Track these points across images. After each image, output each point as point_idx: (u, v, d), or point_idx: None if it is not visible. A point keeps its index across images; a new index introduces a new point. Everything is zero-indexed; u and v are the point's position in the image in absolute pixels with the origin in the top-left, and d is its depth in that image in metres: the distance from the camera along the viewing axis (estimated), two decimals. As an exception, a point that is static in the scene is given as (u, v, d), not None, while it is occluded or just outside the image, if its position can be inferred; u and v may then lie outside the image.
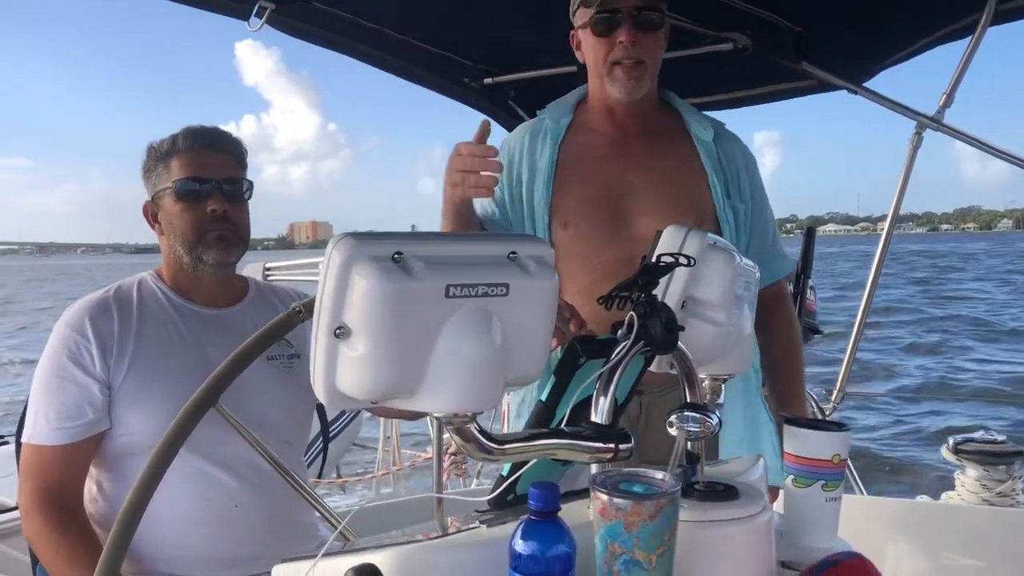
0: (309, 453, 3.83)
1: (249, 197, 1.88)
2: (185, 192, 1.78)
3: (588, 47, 1.92)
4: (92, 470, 1.78)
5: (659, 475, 0.88)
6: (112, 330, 1.74)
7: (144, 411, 1.71)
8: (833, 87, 2.83)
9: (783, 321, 2.09)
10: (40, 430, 1.70)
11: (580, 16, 1.93)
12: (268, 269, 4.94)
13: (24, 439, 1.74)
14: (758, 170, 2.07)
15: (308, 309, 0.99)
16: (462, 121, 2.78)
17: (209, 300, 1.87)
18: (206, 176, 1.80)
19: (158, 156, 1.83)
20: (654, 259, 1.01)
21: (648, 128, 2.00)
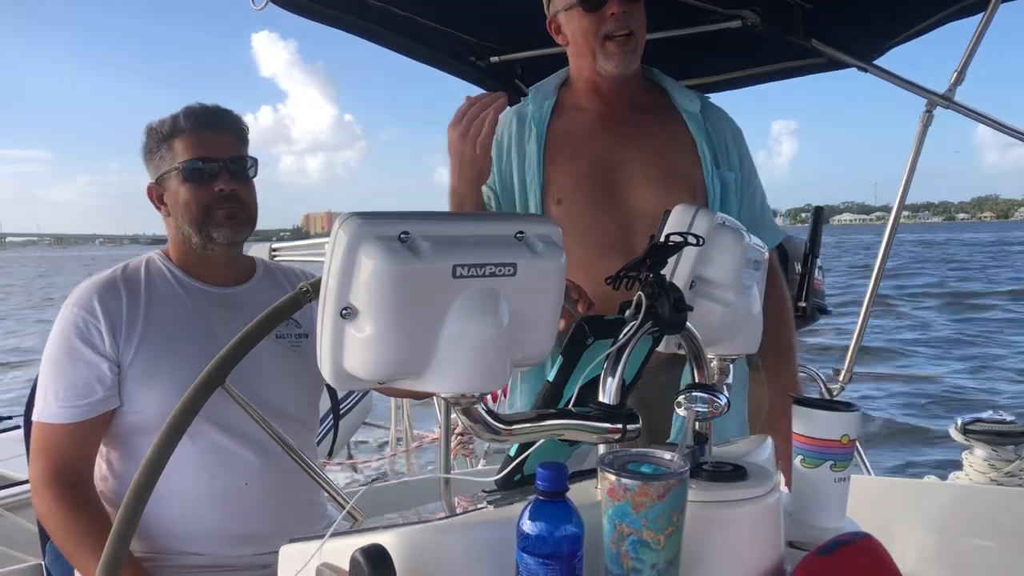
0: (319, 432, 3.86)
1: (255, 175, 1.87)
2: (192, 173, 1.78)
3: (576, 24, 1.91)
4: (102, 448, 1.79)
5: (667, 455, 0.87)
6: (120, 309, 1.74)
7: (153, 389, 1.72)
8: (843, 65, 2.80)
9: (773, 293, 2.08)
10: (49, 408, 1.71)
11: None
12: (275, 250, 4.95)
13: (34, 418, 1.75)
14: (745, 141, 2.07)
15: (315, 289, 0.98)
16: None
17: (217, 279, 1.87)
18: (212, 155, 1.79)
19: (160, 137, 1.82)
20: (662, 238, 1.01)
21: (635, 103, 2.00)
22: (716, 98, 2.18)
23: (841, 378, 3.29)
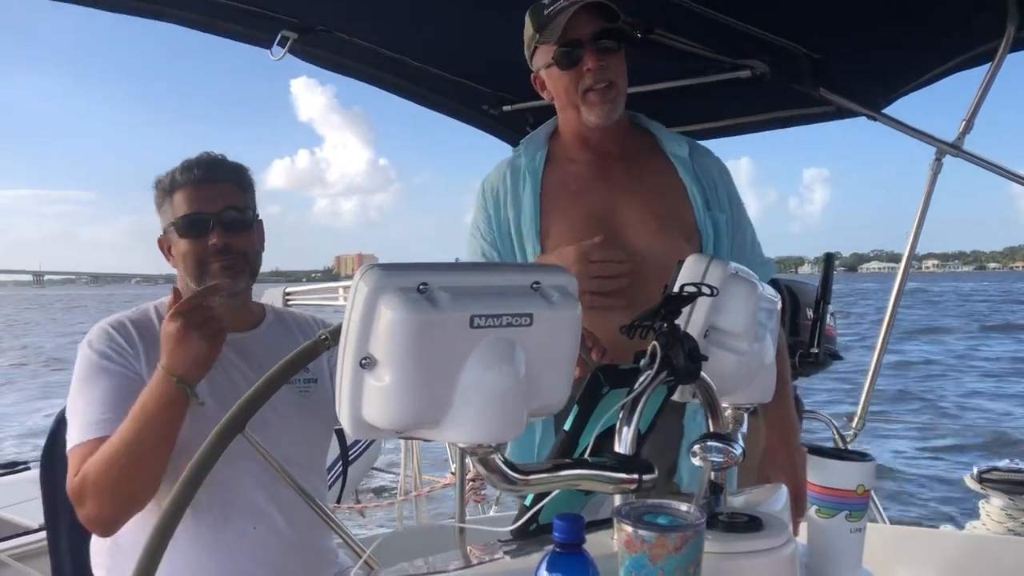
0: (328, 477, 3.84)
1: (251, 223, 1.88)
2: (186, 228, 1.81)
3: (556, 82, 1.94)
4: None
5: (684, 506, 0.87)
6: (135, 342, 1.77)
7: None
8: (852, 113, 2.84)
9: None
10: (82, 428, 1.68)
11: (540, 56, 1.96)
12: (288, 294, 4.98)
13: (75, 441, 1.69)
14: (732, 180, 2.09)
15: (334, 336, 0.99)
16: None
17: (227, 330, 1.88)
18: (205, 210, 1.80)
19: (163, 191, 1.85)
20: (676, 289, 1.02)
21: (624, 150, 2.02)
22: (732, 143, 2.21)
23: (854, 424, 3.27)
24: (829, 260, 3.45)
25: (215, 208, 1.81)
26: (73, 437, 1.70)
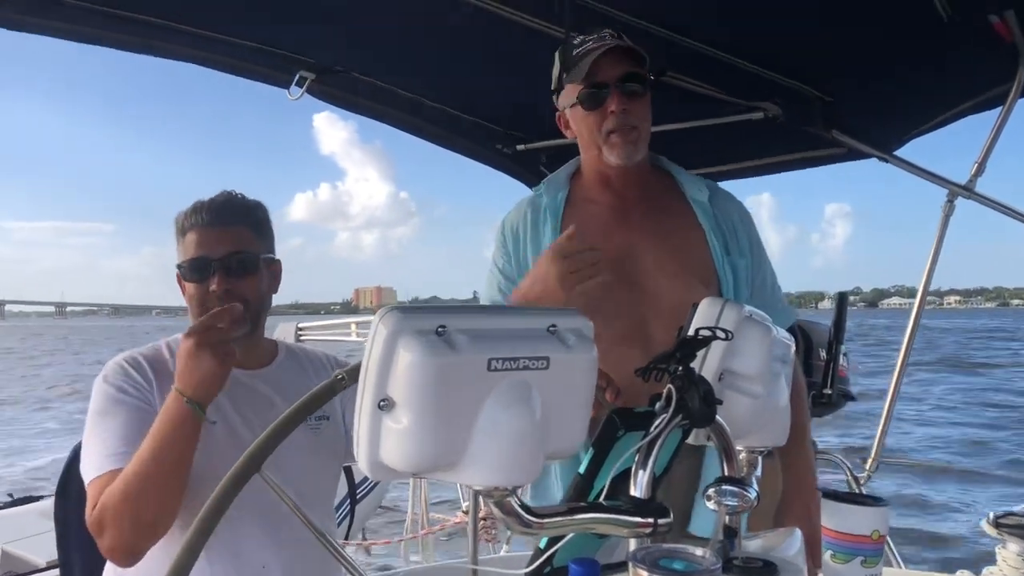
0: (336, 515, 3.82)
1: (256, 267, 1.86)
2: (190, 272, 1.82)
3: (580, 122, 1.96)
4: None
5: (699, 551, 0.87)
6: (149, 378, 1.78)
7: None
8: (864, 155, 2.86)
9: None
10: (99, 461, 1.69)
11: (566, 95, 1.97)
12: (301, 329, 5.00)
13: (91, 475, 1.70)
14: (754, 224, 2.09)
15: (351, 376, 1.00)
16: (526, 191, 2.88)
17: (236, 363, 1.88)
18: (208, 255, 1.80)
19: (178, 231, 1.86)
20: (691, 332, 1.02)
21: (645, 193, 2.02)
22: (751, 180, 2.22)
23: (868, 466, 3.24)
24: (842, 301, 3.45)
25: (218, 253, 1.81)
26: (90, 470, 1.70)
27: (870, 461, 3.22)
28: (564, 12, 2.20)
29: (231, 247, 1.83)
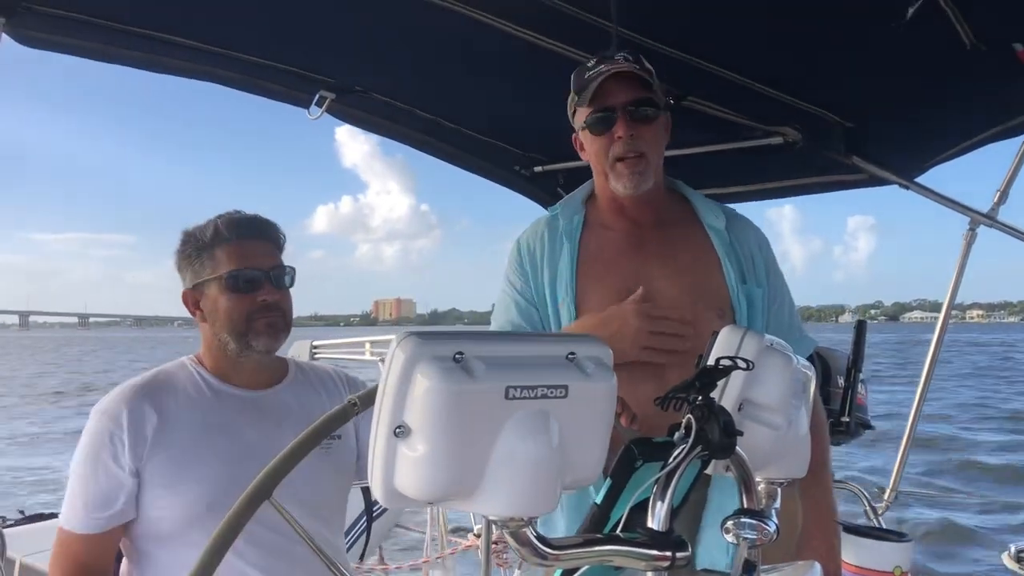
0: (352, 534, 3.80)
1: (291, 284, 1.89)
2: (235, 283, 1.80)
3: (589, 145, 1.94)
4: (129, 553, 1.79)
5: (718, 587, 0.85)
6: (148, 420, 1.75)
7: (178, 495, 1.73)
8: (884, 182, 2.84)
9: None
10: (73, 518, 1.75)
11: (578, 118, 1.96)
12: (315, 347, 5.00)
13: (59, 523, 1.78)
14: (772, 252, 2.06)
15: (364, 401, 0.99)
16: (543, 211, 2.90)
17: (248, 383, 1.88)
18: (255, 265, 1.82)
19: (201, 245, 1.83)
20: (711, 361, 1.00)
21: (660, 219, 2.00)
22: (764, 205, 2.20)
23: (886, 497, 3.19)
24: (860, 328, 3.41)
25: (267, 265, 1.83)
26: (64, 515, 1.77)
27: (888, 491, 3.17)
28: (582, 34, 2.21)
29: (276, 260, 1.87)
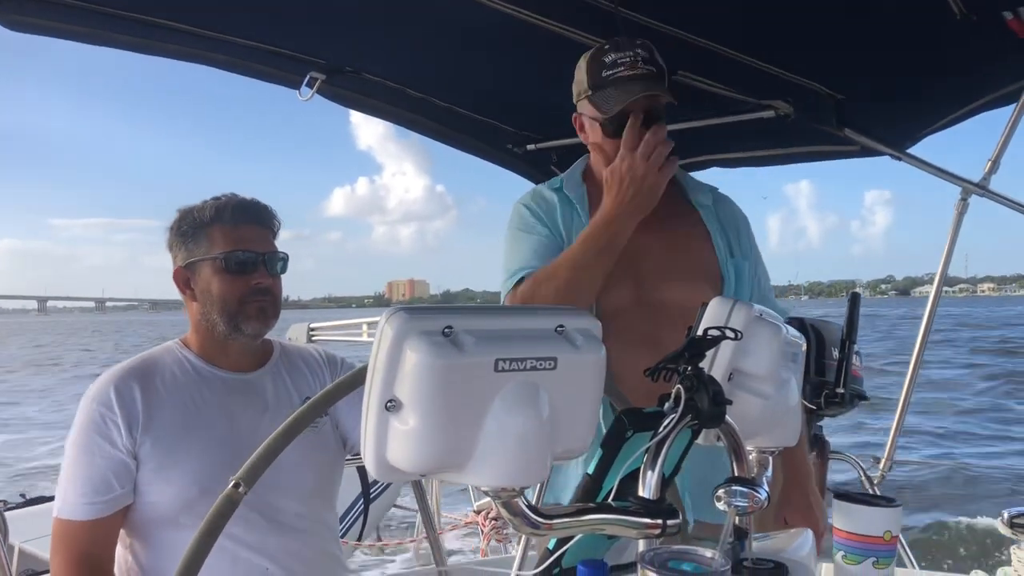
0: (350, 515, 3.83)
1: (283, 271, 1.90)
2: (232, 264, 1.80)
3: (600, 141, 1.96)
4: (124, 537, 1.80)
5: (708, 553, 0.87)
6: (136, 401, 1.75)
7: (168, 480, 1.73)
8: (876, 153, 2.84)
9: None
10: (69, 504, 1.73)
11: (587, 108, 1.97)
12: (312, 329, 5.01)
13: (54, 513, 1.75)
14: (751, 229, 2.12)
15: (350, 384, 0.98)
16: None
17: (235, 365, 1.89)
18: (253, 249, 1.83)
19: (197, 224, 1.84)
20: (700, 332, 1.01)
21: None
22: (786, 172, 2.22)
23: (881, 466, 3.22)
24: (854, 300, 3.41)
25: (263, 248, 1.85)
26: (58, 504, 1.75)
27: (883, 461, 3.20)
28: (571, 10, 2.20)
29: (271, 246, 1.88)
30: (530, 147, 3.20)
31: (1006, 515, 3.38)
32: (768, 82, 2.55)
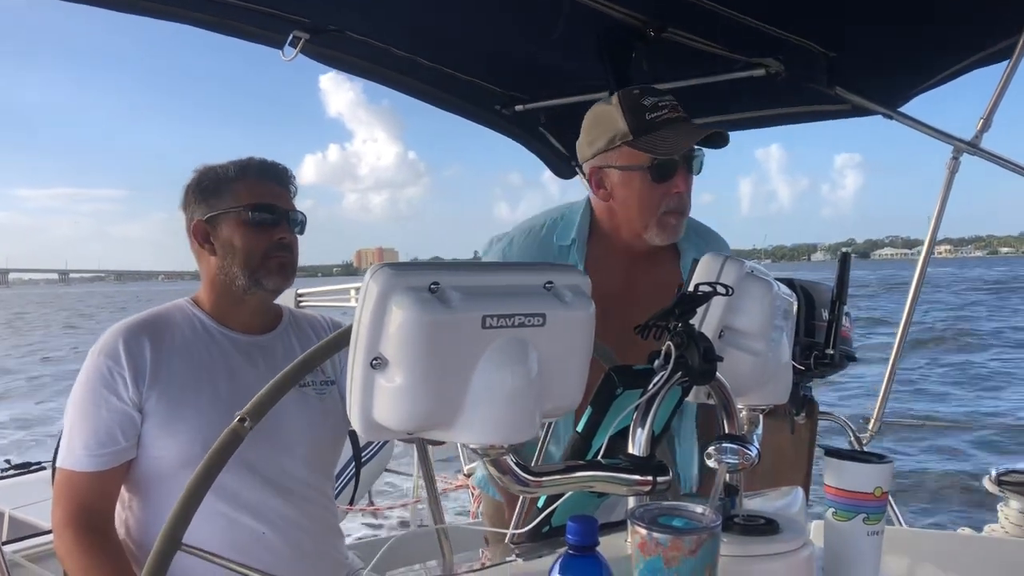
0: (341, 479, 3.84)
1: (301, 232, 1.92)
2: (257, 218, 1.82)
3: (635, 190, 1.87)
4: (123, 494, 1.80)
5: (699, 509, 0.86)
6: (145, 355, 1.75)
7: (173, 435, 1.73)
8: (868, 112, 2.81)
9: None
10: (73, 455, 1.73)
11: (623, 157, 1.87)
12: (300, 295, 4.99)
13: (58, 463, 1.77)
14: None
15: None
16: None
17: (245, 326, 1.89)
18: (278, 205, 1.85)
19: (221, 179, 1.86)
20: (691, 288, 1.00)
21: (650, 254, 2.00)
22: (757, 136, 2.20)
23: (871, 427, 3.23)
24: (845, 260, 3.40)
25: (287, 205, 1.88)
26: (62, 455, 1.76)
27: (872, 422, 3.21)
28: None
29: (292, 205, 1.91)
30: (518, 108, 3.15)
31: (994, 473, 3.42)
32: (759, 40, 2.51)
